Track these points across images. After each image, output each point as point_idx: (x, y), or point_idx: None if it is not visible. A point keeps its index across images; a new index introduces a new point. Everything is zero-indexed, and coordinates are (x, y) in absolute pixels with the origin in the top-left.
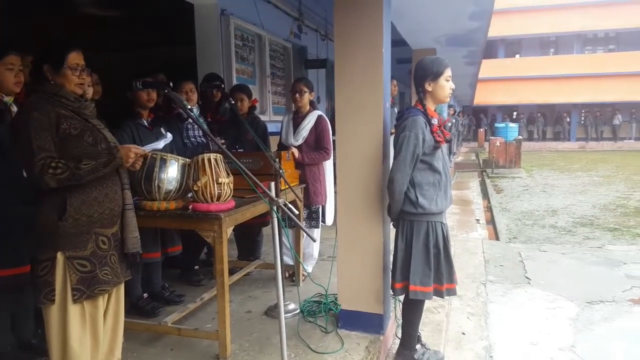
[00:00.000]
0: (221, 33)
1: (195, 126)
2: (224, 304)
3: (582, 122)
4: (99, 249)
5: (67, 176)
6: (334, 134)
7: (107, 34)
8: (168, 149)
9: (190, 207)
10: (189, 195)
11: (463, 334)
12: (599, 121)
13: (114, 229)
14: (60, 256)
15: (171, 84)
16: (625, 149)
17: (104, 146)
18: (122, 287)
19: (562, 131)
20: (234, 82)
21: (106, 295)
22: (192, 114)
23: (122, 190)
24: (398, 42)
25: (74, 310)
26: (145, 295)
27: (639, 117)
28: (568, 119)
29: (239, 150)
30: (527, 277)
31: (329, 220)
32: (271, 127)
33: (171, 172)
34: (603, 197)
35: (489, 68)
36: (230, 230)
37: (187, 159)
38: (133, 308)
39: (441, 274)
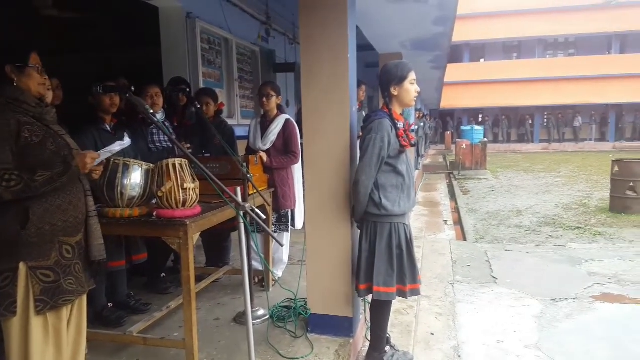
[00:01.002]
0: (187, 36)
1: (161, 131)
2: (190, 312)
3: (545, 124)
4: (63, 258)
5: (21, 188)
6: (302, 137)
7: (69, 37)
8: (132, 154)
9: (154, 213)
10: (154, 201)
11: (432, 334)
12: (561, 123)
13: (78, 237)
14: (22, 267)
15: (133, 88)
16: (586, 149)
17: (67, 153)
18: (84, 296)
19: (525, 133)
20: (201, 85)
21: (69, 306)
22: (156, 118)
23: (85, 197)
24: (366, 47)
25: (36, 322)
26: (109, 304)
27: (598, 118)
28: (531, 122)
29: (206, 155)
30: (494, 277)
31: (299, 224)
32: (240, 131)
33: (134, 178)
34: (565, 197)
35: (454, 72)
36: (196, 237)
37: (151, 165)
38: (97, 318)
39: (404, 274)
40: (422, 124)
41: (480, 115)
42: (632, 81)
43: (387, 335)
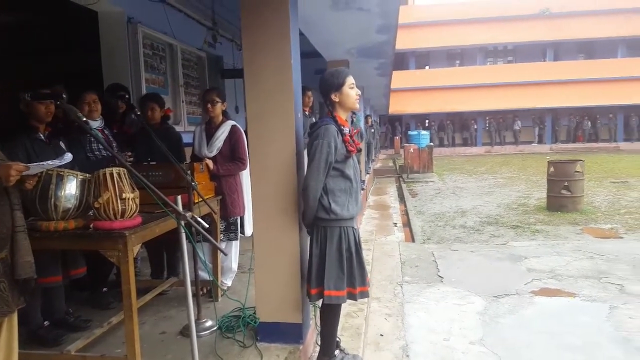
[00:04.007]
0: (128, 42)
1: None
2: (132, 327)
3: (487, 128)
4: None
5: None
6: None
7: (2, 41)
8: (68, 164)
9: (91, 225)
10: (91, 213)
11: (381, 335)
12: (502, 127)
13: (2, 254)
14: None
15: (64, 95)
16: (526, 152)
17: None
18: (14, 316)
19: (469, 137)
20: (144, 91)
21: None
22: (89, 125)
23: (11, 211)
24: (315, 53)
25: None
26: (46, 322)
27: (537, 122)
28: (475, 126)
29: (151, 162)
30: (440, 276)
31: (249, 231)
32: (186, 138)
33: (69, 189)
34: (506, 197)
35: (401, 79)
36: (137, 249)
37: (87, 175)
38: (33, 338)
39: (354, 277)
40: (372, 131)
41: (427, 121)
42: (565, 87)
43: (337, 339)
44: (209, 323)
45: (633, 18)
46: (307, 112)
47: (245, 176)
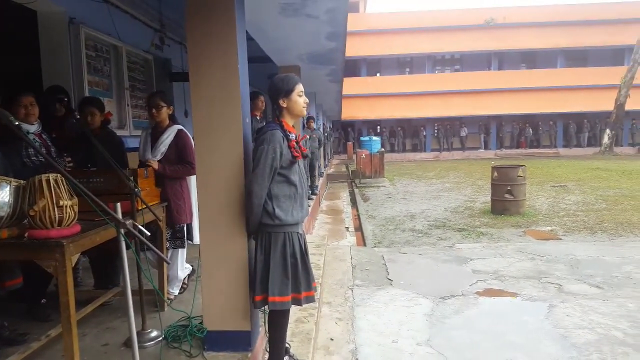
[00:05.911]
0: (70, 43)
1: (38, 144)
2: (71, 340)
3: (436, 134)
4: None
5: None
6: None
7: None
8: (2, 170)
9: (26, 234)
10: (25, 221)
11: (331, 339)
12: (449, 133)
13: None
14: None
15: None
16: (472, 157)
17: None
18: None
19: (419, 143)
20: (86, 94)
21: None
22: (21, 131)
23: None
24: (267, 59)
25: None
26: None
27: (483, 128)
28: (424, 132)
29: (91, 168)
30: (389, 279)
31: (197, 238)
32: (133, 143)
33: (1, 197)
34: (454, 201)
35: (353, 86)
36: (75, 258)
37: (22, 181)
38: None
39: (299, 283)
40: (325, 135)
41: (379, 127)
42: (508, 95)
43: (287, 345)
44: (154, 333)
45: (571, 30)
46: (258, 117)
47: (192, 182)
